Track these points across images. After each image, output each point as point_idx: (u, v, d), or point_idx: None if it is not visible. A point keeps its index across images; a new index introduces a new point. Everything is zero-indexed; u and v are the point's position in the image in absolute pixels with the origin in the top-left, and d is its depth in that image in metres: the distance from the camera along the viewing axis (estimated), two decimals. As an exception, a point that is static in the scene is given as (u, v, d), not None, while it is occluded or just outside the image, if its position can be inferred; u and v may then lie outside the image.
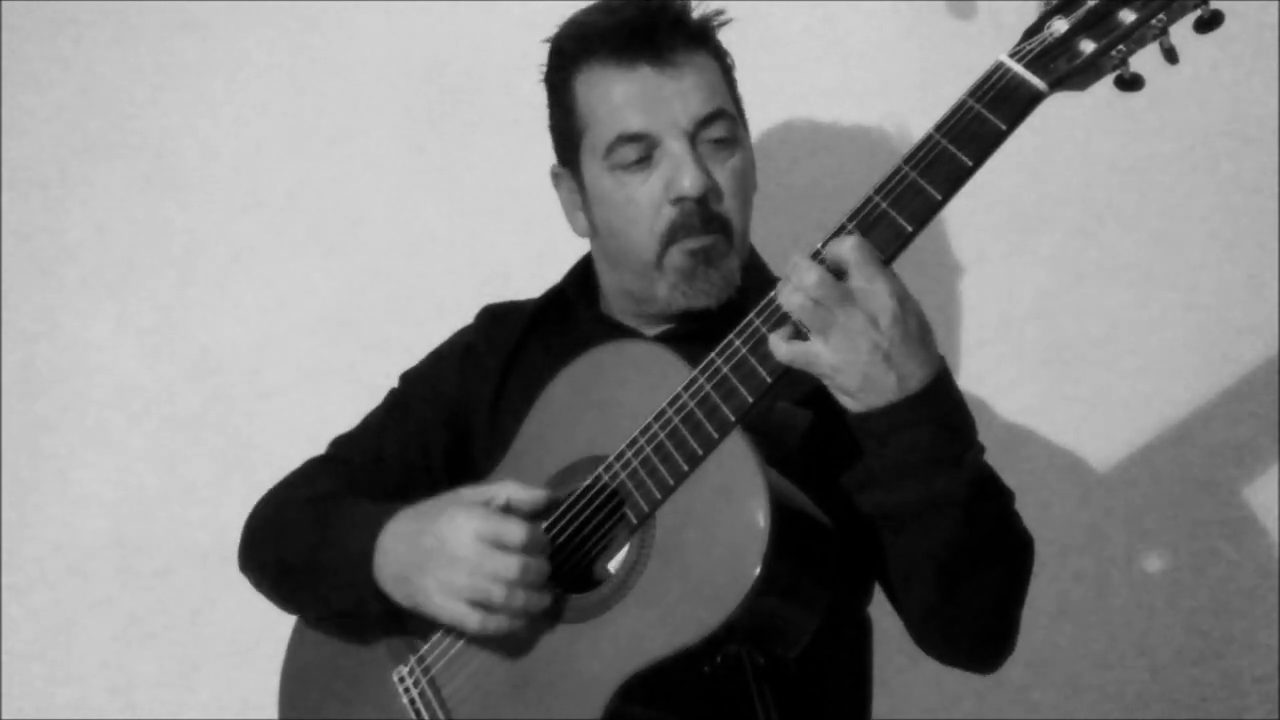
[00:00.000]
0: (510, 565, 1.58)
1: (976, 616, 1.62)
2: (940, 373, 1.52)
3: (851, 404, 1.51)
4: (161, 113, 2.47)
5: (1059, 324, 2.32)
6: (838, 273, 1.49)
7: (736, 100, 1.84)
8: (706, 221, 1.76)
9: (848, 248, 1.48)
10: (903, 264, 1.51)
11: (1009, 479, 1.63)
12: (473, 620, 1.60)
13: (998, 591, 1.62)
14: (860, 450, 1.55)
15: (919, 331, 1.50)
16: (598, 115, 1.79)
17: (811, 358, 1.49)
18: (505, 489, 1.63)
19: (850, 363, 1.48)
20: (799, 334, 1.51)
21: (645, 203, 1.77)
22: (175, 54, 2.46)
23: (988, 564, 1.58)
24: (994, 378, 2.32)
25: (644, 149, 1.77)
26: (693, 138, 1.76)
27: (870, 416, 1.50)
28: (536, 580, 1.60)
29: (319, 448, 1.96)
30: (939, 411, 1.51)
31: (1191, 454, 2.31)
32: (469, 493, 1.66)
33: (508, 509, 1.62)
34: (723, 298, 1.79)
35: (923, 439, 1.50)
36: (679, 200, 1.76)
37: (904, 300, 1.48)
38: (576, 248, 1.95)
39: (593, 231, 1.87)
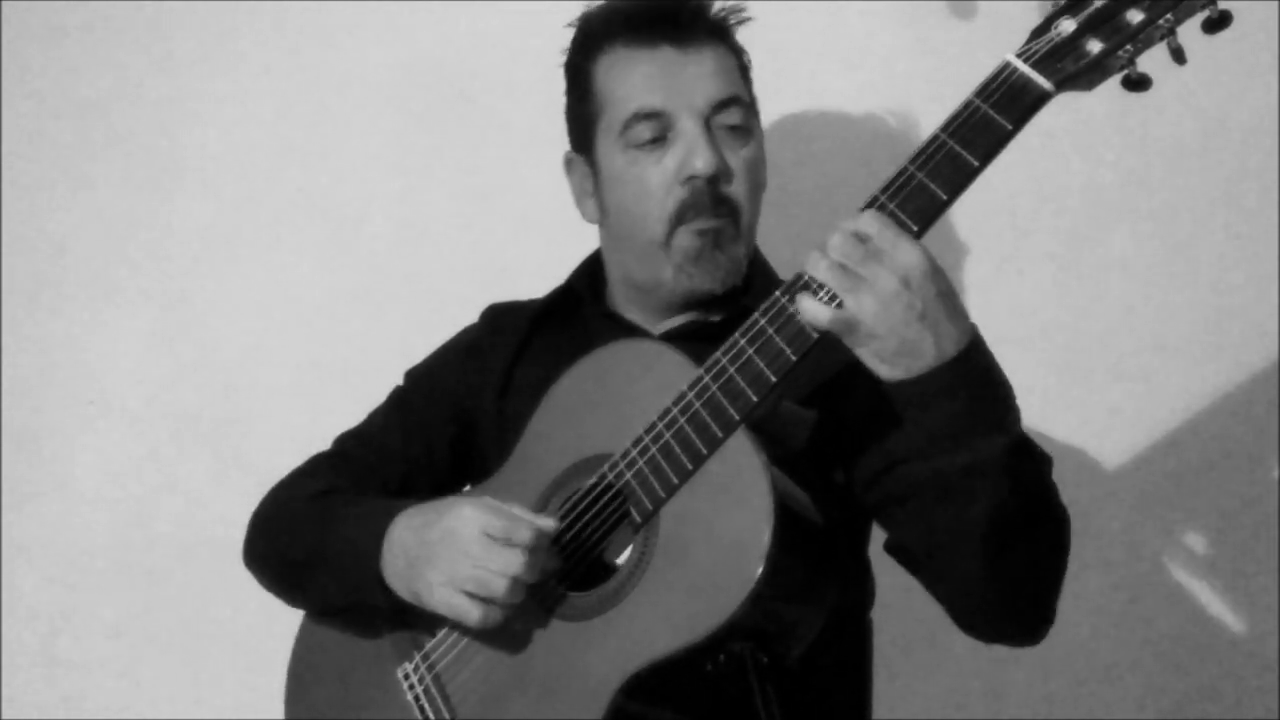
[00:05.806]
0: (514, 560, 1.58)
1: (1020, 585, 1.58)
2: (975, 337, 1.50)
3: (889, 371, 1.49)
4: (161, 112, 2.47)
5: (1062, 324, 2.33)
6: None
7: (752, 97, 1.85)
8: (716, 203, 1.77)
9: (866, 219, 1.47)
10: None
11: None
12: (473, 613, 1.60)
13: (1040, 560, 1.58)
14: (870, 439, 1.54)
15: (950, 292, 1.48)
16: (616, 95, 1.80)
17: (847, 321, 1.47)
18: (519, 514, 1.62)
19: (886, 326, 1.45)
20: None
21: (657, 183, 1.78)
22: (175, 54, 2.47)
23: (1030, 531, 1.55)
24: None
25: (659, 128, 1.78)
26: (708, 120, 1.77)
27: (909, 384, 1.48)
28: (539, 578, 1.61)
29: (319, 447, 1.96)
30: (978, 376, 1.49)
31: (1191, 454, 2.32)
32: (480, 498, 1.66)
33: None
34: (728, 283, 1.79)
35: (963, 404, 1.48)
36: (690, 179, 1.76)
37: (932, 262, 1.47)
38: (578, 246, 1.96)
39: (603, 215, 1.87)
